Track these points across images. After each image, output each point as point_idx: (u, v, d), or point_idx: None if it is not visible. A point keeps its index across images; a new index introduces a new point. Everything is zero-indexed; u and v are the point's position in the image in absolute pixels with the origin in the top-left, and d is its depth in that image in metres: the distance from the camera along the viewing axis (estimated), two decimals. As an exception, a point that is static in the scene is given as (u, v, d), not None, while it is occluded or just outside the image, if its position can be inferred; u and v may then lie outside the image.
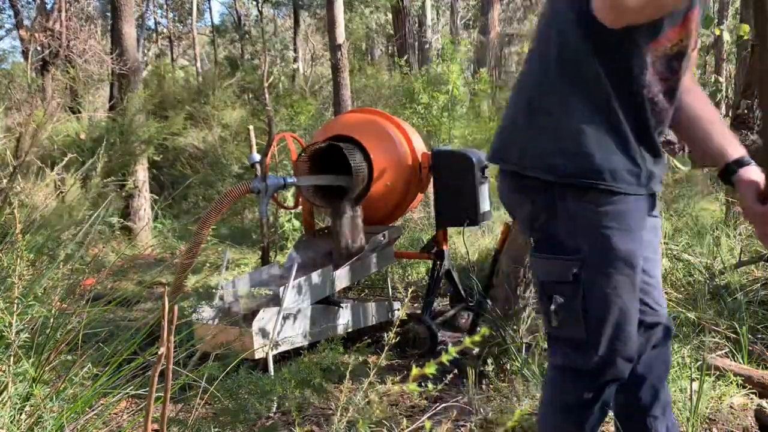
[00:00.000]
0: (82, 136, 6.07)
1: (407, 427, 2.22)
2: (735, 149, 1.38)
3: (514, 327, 2.68)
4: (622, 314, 1.33)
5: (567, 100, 1.30)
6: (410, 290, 1.83)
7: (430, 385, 1.11)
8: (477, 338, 0.81)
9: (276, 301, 2.93)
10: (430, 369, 0.77)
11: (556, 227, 1.33)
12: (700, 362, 2.35)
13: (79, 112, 7.18)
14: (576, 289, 1.31)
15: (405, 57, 10.49)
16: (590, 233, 1.30)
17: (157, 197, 6.91)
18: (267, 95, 5.85)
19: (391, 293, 3.74)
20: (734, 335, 2.65)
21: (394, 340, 1.47)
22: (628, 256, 1.31)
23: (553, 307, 1.34)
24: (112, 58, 6.49)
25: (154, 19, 19.01)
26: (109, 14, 8.67)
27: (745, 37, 2.50)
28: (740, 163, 1.36)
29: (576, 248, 1.31)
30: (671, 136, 2.46)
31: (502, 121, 1.46)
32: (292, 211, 4.69)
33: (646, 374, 1.49)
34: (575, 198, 1.30)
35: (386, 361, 3.12)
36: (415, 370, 0.79)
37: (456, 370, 2.82)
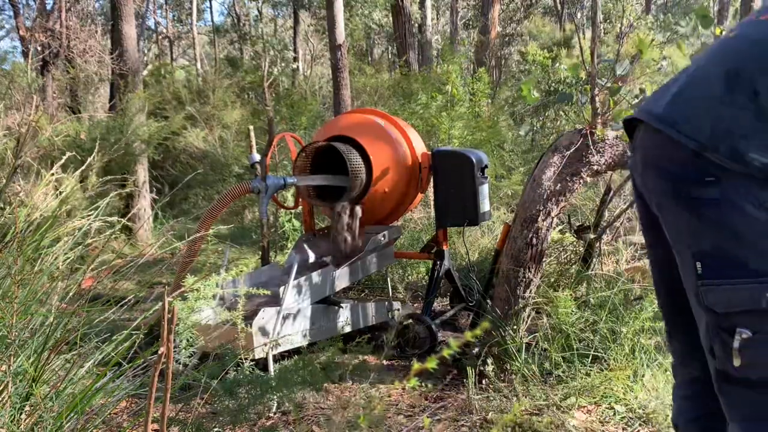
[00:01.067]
0: (82, 136, 6.07)
1: (407, 425, 2.22)
2: None
3: (514, 327, 2.68)
4: None
5: None
6: (410, 290, 1.83)
7: (430, 385, 1.11)
8: (478, 332, 0.81)
9: (276, 301, 2.93)
10: (432, 364, 0.77)
11: (734, 244, 1.08)
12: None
13: (79, 112, 7.18)
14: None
15: (404, 57, 10.49)
16: None
17: (157, 197, 6.91)
18: (267, 95, 5.85)
19: (391, 293, 3.74)
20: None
21: (393, 341, 1.46)
22: None
23: (736, 343, 1.08)
24: (112, 58, 6.49)
25: (154, 19, 19.01)
26: (109, 14, 8.67)
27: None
28: None
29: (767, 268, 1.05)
30: None
31: (683, 85, 1.18)
32: (292, 211, 4.69)
33: None
34: (757, 205, 1.05)
35: (386, 361, 3.12)
36: (416, 365, 0.79)
37: (456, 370, 2.83)
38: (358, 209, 3.30)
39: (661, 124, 1.15)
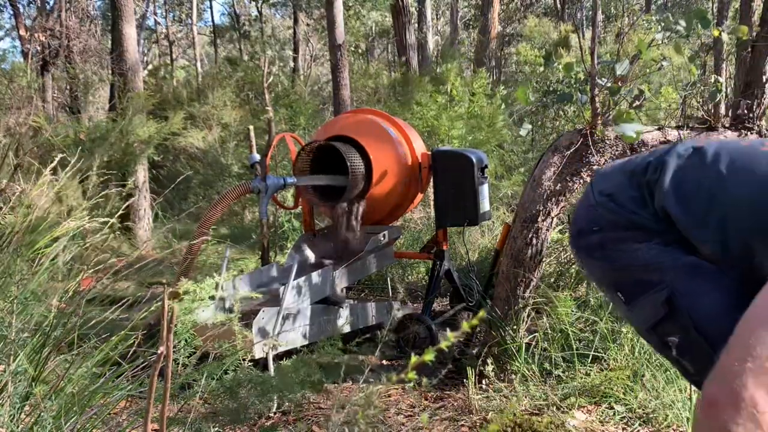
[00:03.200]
0: (82, 136, 6.06)
1: (406, 425, 2.22)
2: None
3: (514, 327, 2.68)
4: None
5: None
6: (410, 290, 1.83)
7: (425, 380, 1.11)
8: (475, 322, 0.80)
9: (276, 301, 2.93)
10: (429, 356, 0.77)
11: (628, 268, 1.24)
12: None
13: (79, 112, 7.18)
14: (675, 316, 1.17)
15: (404, 57, 10.48)
16: (660, 265, 1.22)
17: (156, 197, 6.91)
18: (267, 95, 5.84)
19: (391, 293, 3.74)
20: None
21: (392, 341, 1.45)
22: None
23: (674, 353, 1.19)
24: (112, 58, 6.49)
25: (154, 19, 19.01)
26: (109, 14, 8.67)
27: (744, 38, 2.50)
28: None
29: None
30: None
31: None
32: (292, 211, 4.69)
33: None
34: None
35: (386, 361, 3.12)
36: (413, 359, 0.79)
37: (456, 370, 2.83)
38: (358, 209, 3.30)
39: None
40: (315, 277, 3.08)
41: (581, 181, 2.68)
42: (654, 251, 1.20)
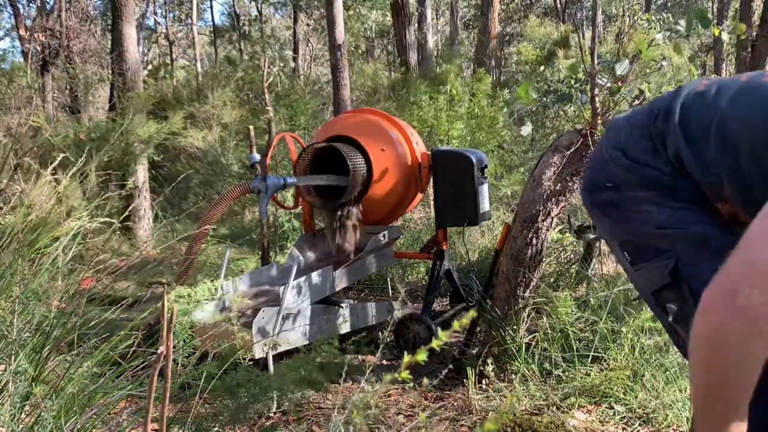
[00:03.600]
0: (82, 136, 6.06)
1: (406, 425, 2.22)
2: None
3: (514, 327, 2.68)
4: None
5: None
6: (410, 290, 1.83)
7: (425, 380, 1.11)
8: (465, 321, 0.80)
9: (276, 301, 2.93)
10: (422, 356, 0.77)
11: (640, 231, 1.27)
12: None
13: (79, 112, 7.18)
14: (679, 285, 1.21)
15: (404, 57, 10.48)
16: (673, 230, 1.24)
17: (157, 197, 6.91)
18: (267, 95, 5.85)
19: (391, 293, 3.74)
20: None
21: (392, 341, 1.45)
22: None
23: (670, 319, 1.23)
24: (112, 58, 6.49)
25: (154, 19, 19.01)
26: (109, 14, 8.66)
27: (743, 37, 2.50)
28: None
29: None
30: None
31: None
32: (292, 211, 4.69)
33: None
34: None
35: (386, 361, 3.12)
36: (406, 358, 0.79)
37: (456, 370, 2.83)
38: (356, 210, 3.30)
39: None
40: (315, 277, 3.08)
41: (581, 181, 2.68)
42: (664, 215, 1.22)
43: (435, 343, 0.78)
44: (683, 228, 1.20)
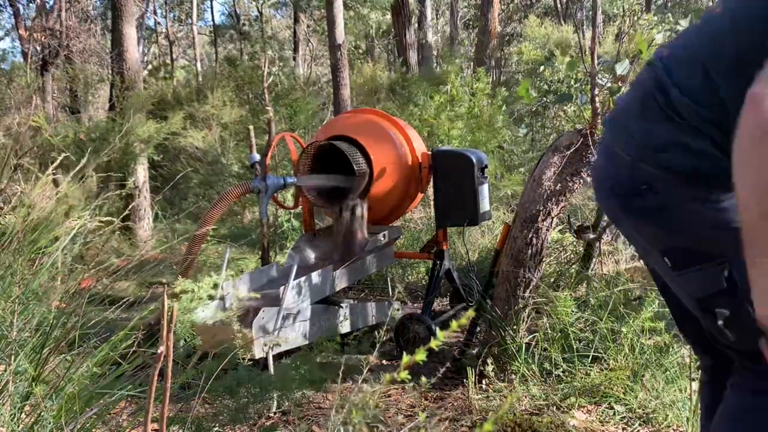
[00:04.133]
0: (82, 136, 6.06)
1: (406, 425, 2.21)
2: None
3: (514, 327, 2.68)
4: None
5: None
6: (410, 290, 1.83)
7: (423, 379, 1.11)
8: (464, 321, 0.80)
9: (276, 301, 2.93)
10: (420, 356, 0.77)
11: (689, 233, 1.19)
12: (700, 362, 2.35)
13: (79, 112, 7.18)
14: (734, 292, 1.15)
15: (404, 57, 10.49)
16: (724, 232, 1.15)
17: (157, 197, 6.91)
18: (267, 95, 5.85)
19: (391, 293, 3.73)
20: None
21: (391, 340, 1.46)
22: None
23: (720, 323, 1.18)
24: (112, 58, 6.49)
25: (154, 19, 19.01)
26: (109, 14, 8.66)
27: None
28: None
29: (717, 251, 1.16)
30: None
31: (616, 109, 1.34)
32: (292, 211, 4.69)
33: None
34: (690, 200, 1.17)
35: (386, 361, 3.12)
36: (405, 358, 0.79)
37: (456, 370, 2.83)
38: (363, 207, 3.30)
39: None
40: (315, 277, 3.08)
41: (581, 181, 2.68)
42: (712, 214, 1.15)
43: (434, 343, 0.78)
44: (732, 231, 1.09)
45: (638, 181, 1.21)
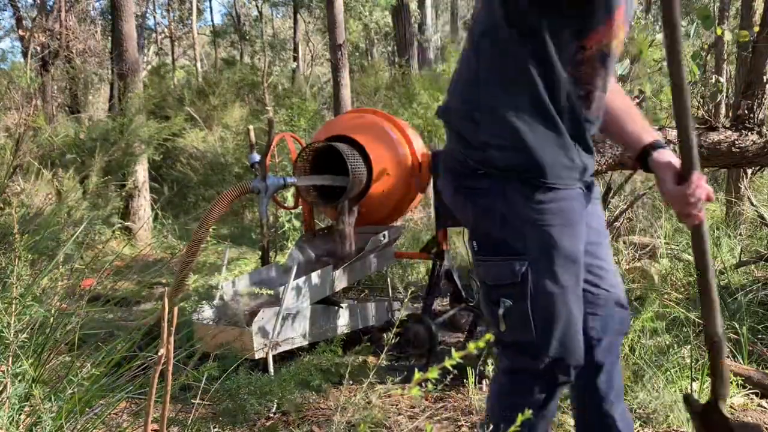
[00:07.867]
0: (82, 136, 6.06)
1: (407, 427, 2.21)
2: (649, 134, 1.38)
3: (514, 327, 2.67)
4: (569, 314, 1.31)
5: (499, 95, 1.28)
6: (410, 290, 1.83)
7: (430, 385, 1.11)
8: (481, 344, 0.80)
9: (276, 301, 2.93)
10: (433, 374, 0.77)
11: (498, 227, 1.30)
12: (700, 362, 2.35)
13: (79, 112, 7.18)
14: (524, 290, 1.28)
15: (404, 57, 10.49)
16: (534, 231, 1.28)
17: (156, 197, 6.91)
18: (267, 95, 5.85)
19: (391, 293, 3.73)
20: (734, 335, 2.65)
21: (393, 341, 1.47)
22: (572, 253, 1.30)
23: (501, 311, 1.30)
24: (112, 58, 6.49)
25: (154, 19, 19.00)
26: (109, 14, 8.66)
27: (745, 40, 2.50)
28: (655, 146, 1.35)
29: (521, 248, 1.28)
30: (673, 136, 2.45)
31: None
32: (292, 211, 4.69)
33: (603, 361, 1.46)
34: (515, 195, 1.28)
35: (386, 362, 3.12)
36: (417, 375, 0.78)
37: (456, 371, 2.82)
38: (354, 210, 3.30)
39: (443, 116, 1.41)
40: (315, 277, 3.08)
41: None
42: (529, 212, 1.28)
43: (447, 363, 0.78)
44: (542, 228, 1.27)
45: (476, 167, 1.31)
